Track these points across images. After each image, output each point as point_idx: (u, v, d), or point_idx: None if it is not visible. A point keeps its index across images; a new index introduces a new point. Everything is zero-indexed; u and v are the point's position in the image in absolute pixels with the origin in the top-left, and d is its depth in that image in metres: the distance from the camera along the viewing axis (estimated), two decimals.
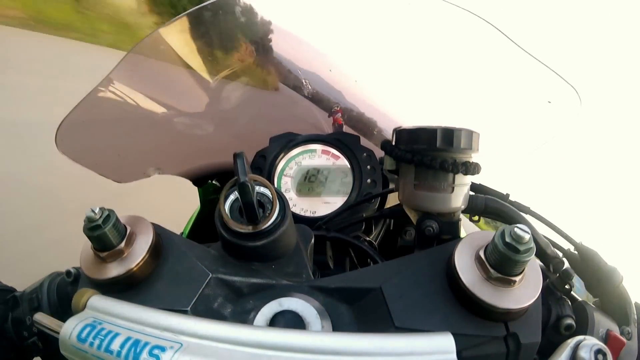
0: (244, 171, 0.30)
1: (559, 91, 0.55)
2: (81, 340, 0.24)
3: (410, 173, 0.35)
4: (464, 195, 0.36)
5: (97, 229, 0.29)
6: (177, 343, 0.23)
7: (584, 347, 0.26)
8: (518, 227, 0.25)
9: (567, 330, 0.31)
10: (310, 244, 0.36)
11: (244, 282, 0.32)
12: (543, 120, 0.62)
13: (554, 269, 0.37)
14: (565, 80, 0.53)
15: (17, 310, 0.38)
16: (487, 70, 0.64)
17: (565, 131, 0.61)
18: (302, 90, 0.78)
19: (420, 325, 0.27)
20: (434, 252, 0.31)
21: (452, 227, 0.35)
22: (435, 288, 0.29)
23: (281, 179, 0.60)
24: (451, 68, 0.67)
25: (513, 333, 0.27)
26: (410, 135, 0.35)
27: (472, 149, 0.34)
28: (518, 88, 0.62)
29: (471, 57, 0.64)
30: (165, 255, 0.33)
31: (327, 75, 0.78)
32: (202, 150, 0.77)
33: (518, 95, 0.63)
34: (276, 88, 0.80)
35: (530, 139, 0.66)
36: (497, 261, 0.26)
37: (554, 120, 0.60)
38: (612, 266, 0.37)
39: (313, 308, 0.29)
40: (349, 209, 0.54)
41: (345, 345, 0.23)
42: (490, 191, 0.44)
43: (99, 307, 0.27)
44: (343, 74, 0.77)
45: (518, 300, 0.26)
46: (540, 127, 0.64)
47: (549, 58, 0.54)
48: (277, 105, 0.85)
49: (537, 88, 0.58)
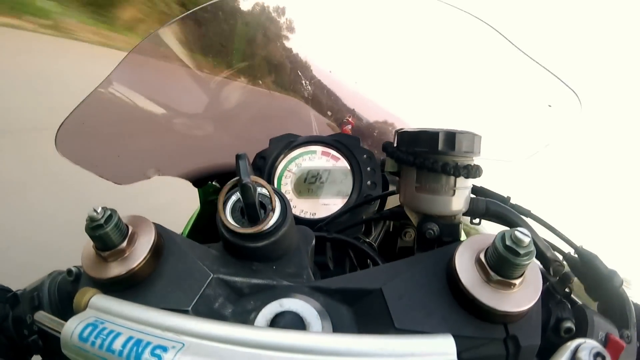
0: (246, 172, 0.30)
1: (560, 94, 0.55)
2: (83, 339, 0.24)
3: (411, 175, 0.35)
4: (465, 198, 0.36)
5: (99, 228, 0.29)
6: (179, 343, 0.23)
7: (583, 350, 0.26)
8: (518, 230, 0.25)
9: (567, 333, 0.31)
10: (311, 245, 0.36)
11: (244, 282, 0.32)
12: (544, 124, 0.62)
13: (554, 272, 0.37)
14: (566, 84, 0.53)
15: (17, 309, 0.38)
16: (488, 73, 0.64)
17: (566, 134, 0.61)
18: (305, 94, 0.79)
19: (420, 326, 0.27)
20: (435, 255, 0.31)
21: (452, 230, 0.36)
22: (436, 290, 0.29)
23: (281, 180, 0.60)
24: (453, 71, 0.67)
25: (513, 335, 0.27)
26: (412, 138, 0.35)
27: (473, 152, 0.34)
28: (519, 91, 0.62)
29: (473, 60, 0.64)
30: (167, 255, 0.33)
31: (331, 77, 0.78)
32: (202, 151, 0.77)
33: (519, 98, 0.63)
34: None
35: (531, 142, 0.66)
36: (498, 264, 0.26)
37: (554, 124, 0.60)
38: (612, 269, 0.37)
39: (313, 309, 0.29)
40: (349, 211, 0.54)
41: (345, 347, 0.23)
42: (492, 194, 0.44)
43: (101, 307, 0.27)
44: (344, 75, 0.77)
45: (518, 303, 0.26)
46: (541, 130, 0.64)
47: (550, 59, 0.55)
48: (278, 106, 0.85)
49: (538, 91, 0.58)
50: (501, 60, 0.58)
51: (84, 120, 0.57)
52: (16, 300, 0.38)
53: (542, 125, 0.62)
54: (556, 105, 0.57)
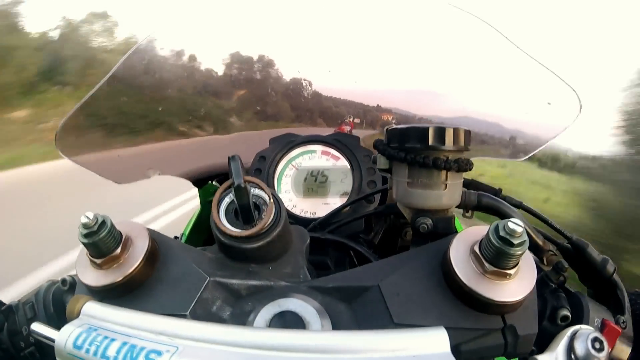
0: (239, 173, 0.30)
1: (559, 93, 0.55)
2: (77, 347, 0.24)
3: (403, 171, 0.36)
4: (457, 191, 0.36)
5: (92, 235, 0.29)
6: (173, 347, 0.23)
7: (580, 337, 0.26)
8: (511, 221, 0.25)
9: (563, 321, 0.31)
10: (306, 244, 0.36)
11: (242, 284, 0.32)
12: (543, 122, 0.62)
13: (548, 261, 0.38)
14: (566, 82, 0.54)
15: (12, 321, 0.37)
16: (488, 71, 0.64)
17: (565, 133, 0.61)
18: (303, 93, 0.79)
19: (418, 321, 0.27)
20: (430, 249, 0.31)
21: (446, 224, 0.36)
22: (432, 284, 0.29)
23: (281, 180, 0.60)
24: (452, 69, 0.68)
25: (510, 325, 0.27)
26: (403, 134, 0.35)
27: (463, 147, 0.34)
28: (518, 89, 0.62)
29: (473, 58, 0.64)
30: (162, 260, 0.32)
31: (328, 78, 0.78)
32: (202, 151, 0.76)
33: (518, 96, 0.63)
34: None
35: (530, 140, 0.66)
36: (492, 255, 0.26)
37: (553, 122, 0.60)
38: (604, 257, 0.37)
39: (312, 308, 0.29)
40: (344, 209, 0.54)
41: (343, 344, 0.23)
42: (483, 187, 0.44)
43: (94, 314, 0.27)
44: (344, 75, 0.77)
45: (514, 292, 0.26)
46: (540, 128, 0.64)
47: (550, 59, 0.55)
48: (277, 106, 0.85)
49: (537, 89, 0.58)
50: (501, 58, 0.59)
51: (84, 119, 0.57)
52: (11, 311, 0.38)
53: (541, 123, 0.63)
54: (555, 104, 0.57)
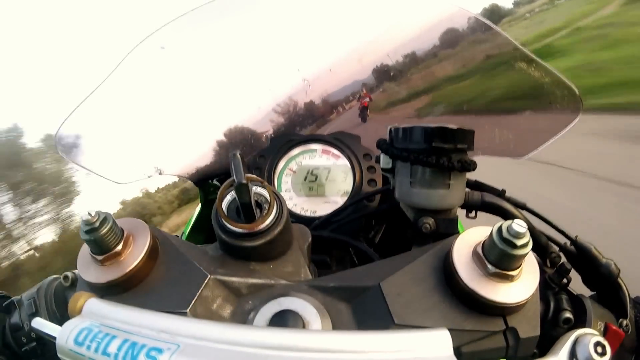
0: (241, 171, 0.30)
1: (561, 92, 0.55)
2: (78, 343, 0.24)
3: (406, 171, 0.35)
4: (461, 191, 0.36)
5: (94, 232, 0.29)
6: (174, 344, 0.23)
7: (583, 341, 0.26)
8: (515, 222, 0.25)
9: (566, 324, 0.31)
10: (307, 242, 0.36)
11: (242, 282, 0.31)
12: (544, 122, 0.62)
13: (551, 263, 0.37)
14: (567, 81, 0.53)
15: (14, 316, 0.38)
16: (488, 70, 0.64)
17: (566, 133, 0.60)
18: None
19: (419, 321, 0.27)
20: (432, 249, 0.31)
21: (449, 224, 0.36)
22: (434, 284, 0.29)
23: (281, 179, 0.60)
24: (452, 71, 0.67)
25: (512, 327, 0.27)
26: (406, 134, 0.35)
27: (467, 147, 0.34)
28: (520, 88, 0.62)
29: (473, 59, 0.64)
30: (163, 257, 0.32)
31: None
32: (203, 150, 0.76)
33: (520, 95, 0.62)
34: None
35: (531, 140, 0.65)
36: (495, 256, 0.26)
37: (555, 122, 0.60)
38: (608, 259, 0.37)
39: (312, 307, 0.29)
40: (347, 208, 0.54)
41: (343, 344, 0.23)
42: (487, 187, 0.44)
43: (96, 311, 0.27)
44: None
45: (516, 294, 0.26)
46: (541, 128, 0.63)
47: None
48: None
49: (539, 88, 0.58)
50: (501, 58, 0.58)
51: (84, 119, 0.57)
52: (13, 307, 0.38)
53: (543, 122, 0.62)
54: (557, 103, 0.57)
